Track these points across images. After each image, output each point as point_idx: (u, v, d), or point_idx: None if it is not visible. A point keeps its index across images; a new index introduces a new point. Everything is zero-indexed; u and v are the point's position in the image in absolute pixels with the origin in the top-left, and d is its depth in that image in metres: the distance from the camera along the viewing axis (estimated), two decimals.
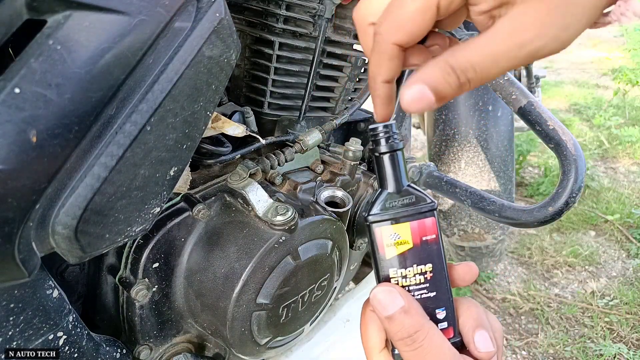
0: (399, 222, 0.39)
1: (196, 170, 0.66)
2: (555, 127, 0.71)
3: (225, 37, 0.41)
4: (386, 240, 0.39)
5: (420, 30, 0.32)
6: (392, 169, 0.39)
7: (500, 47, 0.30)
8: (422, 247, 0.39)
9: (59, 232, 0.36)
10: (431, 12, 0.31)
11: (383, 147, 0.39)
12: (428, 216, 0.39)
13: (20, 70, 0.30)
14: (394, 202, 0.39)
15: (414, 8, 0.31)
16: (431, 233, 0.39)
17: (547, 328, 1.66)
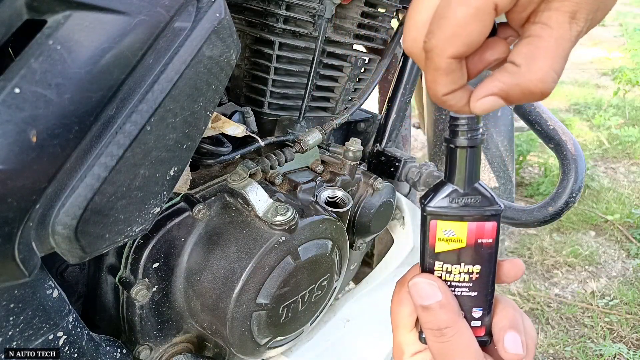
0: (457, 220, 0.37)
1: (196, 170, 0.66)
2: (555, 127, 0.71)
3: (225, 37, 0.41)
4: (439, 234, 0.38)
5: (479, 37, 0.28)
6: (465, 165, 0.37)
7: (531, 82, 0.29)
8: (475, 249, 0.38)
9: (59, 232, 0.36)
10: (488, 15, 0.27)
11: (461, 140, 0.37)
12: (489, 220, 0.37)
13: (20, 70, 0.30)
14: (458, 197, 0.37)
15: (466, 13, 0.27)
16: (488, 237, 0.38)
17: (547, 328, 1.66)
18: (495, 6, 0.27)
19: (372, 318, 0.94)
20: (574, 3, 0.27)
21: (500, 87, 0.30)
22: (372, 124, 0.96)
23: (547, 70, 0.28)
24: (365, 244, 0.86)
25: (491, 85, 0.30)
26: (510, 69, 0.30)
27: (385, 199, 0.79)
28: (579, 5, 0.27)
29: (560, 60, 0.29)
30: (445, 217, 0.37)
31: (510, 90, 0.30)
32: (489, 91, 0.31)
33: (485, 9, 0.27)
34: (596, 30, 5.73)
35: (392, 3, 0.75)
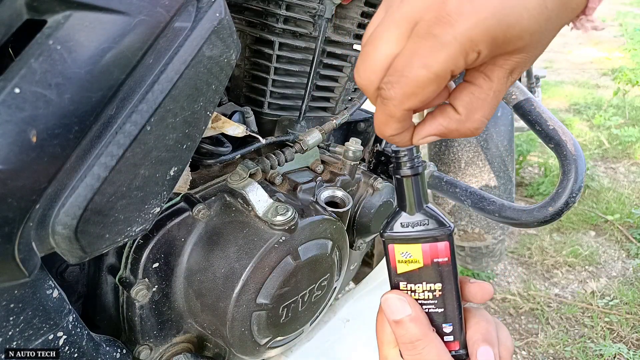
0: (411, 243, 0.41)
1: (196, 170, 0.66)
2: (555, 127, 0.71)
3: (225, 37, 0.41)
4: (398, 256, 0.41)
5: (434, 95, 0.31)
6: (410, 192, 0.41)
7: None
8: (433, 268, 0.40)
9: (59, 232, 0.36)
10: (445, 79, 0.30)
11: (404, 170, 0.40)
12: (441, 240, 0.40)
13: (20, 70, 0.30)
14: (410, 222, 0.41)
15: (427, 77, 0.29)
16: (443, 256, 0.40)
17: (547, 328, 1.66)
18: (452, 72, 0.30)
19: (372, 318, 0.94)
20: (515, 63, 0.31)
21: (441, 129, 0.34)
22: (372, 124, 0.96)
23: (482, 120, 0.33)
24: (365, 244, 0.86)
25: (434, 126, 0.35)
26: (451, 115, 0.34)
27: (385, 199, 0.79)
28: (517, 64, 0.31)
29: (493, 109, 0.33)
30: (400, 240, 0.41)
31: (449, 132, 0.34)
32: (431, 131, 0.35)
33: (443, 74, 0.29)
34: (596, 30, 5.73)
35: None
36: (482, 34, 0.28)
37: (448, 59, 0.28)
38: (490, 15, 0.28)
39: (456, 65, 0.29)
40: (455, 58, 0.29)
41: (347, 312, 0.91)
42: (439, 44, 0.28)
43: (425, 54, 0.29)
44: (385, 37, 0.31)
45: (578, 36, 5.56)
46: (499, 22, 0.28)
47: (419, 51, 0.29)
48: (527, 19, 0.28)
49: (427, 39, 0.29)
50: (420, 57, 0.29)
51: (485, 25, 0.28)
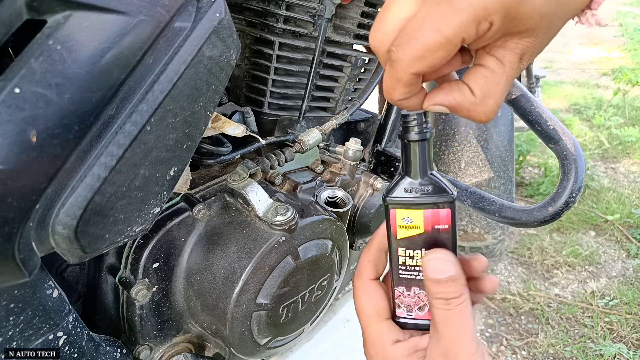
0: (413, 208, 0.41)
1: (196, 170, 0.66)
2: (555, 127, 0.71)
3: (225, 37, 0.41)
4: (399, 221, 0.41)
5: (443, 61, 0.31)
6: (416, 157, 0.40)
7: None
8: (433, 234, 0.41)
9: (59, 232, 0.36)
10: (455, 45, 0.30)
11: (411, 135, 0.40)
12: (443, 207, 0.40)
13: (20, 70, 0.30)
14: (413, 187, 0.41)
15: (437, 41, 0.29)
16: (444, 223, 0.40)
17: (547, 328, 1.66)
18: (463, 39, 0.30)
19: None
20: (525, 47, 0.32)
21: (453, 103, 0.34)
22: (372, 124, 0.96)
23: (494, 107, 0.34)
24: (365, 244, 0.86)
25: (447, 98, 0.35)
26: (466, 94, 0.34)
27: None
28: (527, 48, 0.32)
29: (504, 95, 0.34)
30: (402, 205, 0.41)
31: (460, 109, 0.34)
32: (442, 101, 0.35)
33: (454, 40, 0.29)
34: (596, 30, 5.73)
35: None
36: (496, 4, 0.29)
37: (461, 24, 0.29)
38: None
39: (468, 32, 0.29)
40: (467, 25, 0.29)
41: (347, 312, 0.91)
42: (453, 9, 0.29)
43: (438, 18, 0.29)
44: (400, 0, 0.32)
45: (578, 36, 5.56)
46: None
47: (432, 15, 0.29)
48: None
49: (441, 3, 0.29)
50: (433, 20, 0.29)
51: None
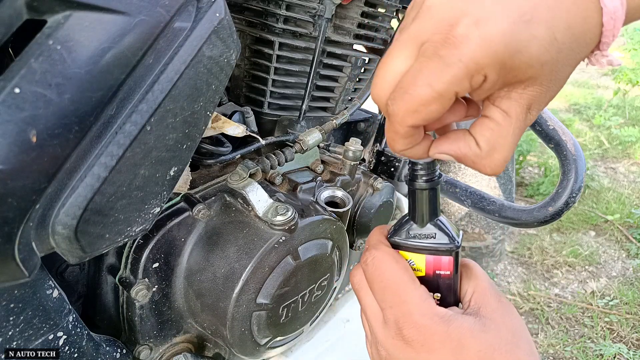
0: (416, 252, 0.41)
1: (196, 170, 0.66)
2: (555, 127, 0.71)
3: (225, 37, 0.41)
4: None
5: (438, 114, 0.31)
6: (423, 205, 0.41)
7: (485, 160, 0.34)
8: (434, 278, 0.41)
9: (59, 232, 0.36)
10: (449, 99, 0.30)
11: (419, 183, 0.40)
12: (445, 255, 0.41)
13: (20, 70, 0.30)
14: (418, 233, 0.41)
15: (429, 95, 0.30)
16: (446, 269, 0.41)
17: (547, 328, 1.66)
18: (456, 93, 0.30)
19: None
20: (530, 96, 0.31)
21: (459, 153, 0.35)
22: (372, 124, 0.96)
23: (501, 161, 0.33)
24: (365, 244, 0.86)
25: (451, 147, 0.35)
26: (472, 146, 0.34)
27: (385, 199, 0.79)
28: (534, 99, 0.31)
29: (512, 150, 0.33)
30: (405, 248, 0.42)
31: (465, 160, 0.35)
32: (447, 151, 0.35)
33: (447, 94, 0.29)
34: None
35: (392, 3, 0.75)
36: (488, 58, 0.28)
37: (452, 79, 0.29)
38: (497, 40, 0.28)
39: (460, 86, 0.29)
40: (459, 79, 0.29)
41: (347, 312, 0.91)
42: (444, 64, 0.29)
43: (430, 73, 0.29)
44: (395, 55, 0.32)
45: None
46: (505, 47, 0.28)
47: (424, 70, 0.30)
48: (537, 48, 0.29)
49: (432, 59, 0.29)
50: (425, 76, 0.29)
51: (491, 49, 0.28)
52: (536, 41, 0.28)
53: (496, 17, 0.28)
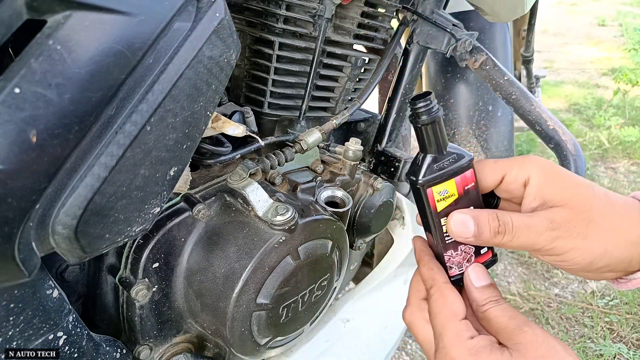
0: (445, 180, 0.44)
1: (196, 170, 0.66)
2: (555, 127, 0.71)
3: (225, 37, 0.41)
4: (437, 197, 0.45)
5: (483, 188, 0.46)
6: (434, 137, 0.44)
7: (539, 233, 0.40)
8: (465, 195, 0.45)
9: (59, 232, 0.36)
10: (494, 183, 0.45)
11: (424, 119, 0.43)
12: (468, 169, 0.44)
13: (20, 70, 0.30)
14: (438, 163, 0.44)
15: (489, 169, 0.45)
16: (471, 182, 0.45)
17: (547, 328, 1.66)
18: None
19: (373, 318, 0.94)
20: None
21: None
22: (372, 124, 0.96)
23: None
24: (365, 244, 0.86)
25: (474, 211, 0.45)
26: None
27: (385, 199, 0.79)
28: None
29: None
30: (436, 182, 0.44)
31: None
32: (468, 212, 0.44)
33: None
34: (596, 30, 5.73)
35: (392, 3, 0.75)
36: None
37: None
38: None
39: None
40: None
41: (347, 312, 0.91)
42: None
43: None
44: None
45: (578, 36, 5.56)
46: None
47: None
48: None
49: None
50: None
51: None
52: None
53: None
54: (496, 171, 0.45)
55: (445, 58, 1.24)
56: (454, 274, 0.48)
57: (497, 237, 0.42)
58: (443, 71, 1.25)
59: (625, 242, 0.40)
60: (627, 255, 0.40)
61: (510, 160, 0.45)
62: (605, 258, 0.40)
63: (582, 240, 0.40)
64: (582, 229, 0.40)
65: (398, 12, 0.82)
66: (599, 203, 0.41)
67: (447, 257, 0.47)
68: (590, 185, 0.43)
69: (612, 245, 0.40)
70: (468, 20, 1.18)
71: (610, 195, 0.43)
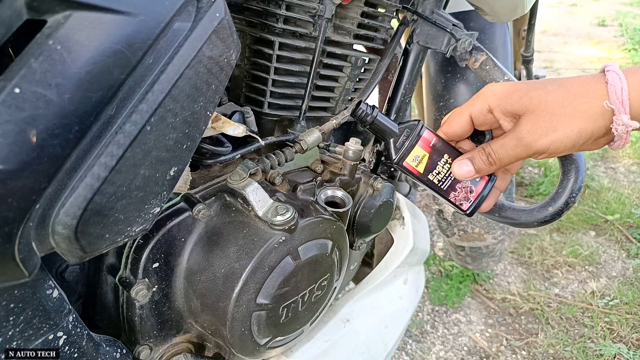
0: (412, 149, 0.55)
1: (196, 170, 0.66)
2: None
3: (225, 37, 0.41)
4: (413, 164, 0.55)
5: (460, 131, 0.53)
6: (382, 129, 0.56)
7: (514, 149, 0.48)
8: (434, 150, 0.55)
9: (59, 232, 0.36)
10: (467, 123, 0.52)
11: (368, 121, 0.56)
12: (423, 132, 0.55)
13: (20, 70, 0.30)
14: (398, 142, 0.55)
15: (457, 120, 0.53)
16: (432, 138, 0.55)
17: (547, 328, 1.66)
18: (472, 120, 0.53)
19: (372, 318, 0.94)
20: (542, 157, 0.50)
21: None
22: None
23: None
24: (365, 244, 0.86)
25: (468, 153, 0.54)
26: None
27: (385, 199, 0.79)
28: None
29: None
30: (405, 155, 0.55)
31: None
32: (464, 157, 0.55)
33: (466, 124, 0.54)
34: (596, 30, 5.73)
35: (392, 3, 0.75)
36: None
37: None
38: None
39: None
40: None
41: (347, 312, 0.91)
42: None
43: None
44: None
45: (578, 36, 5.56)
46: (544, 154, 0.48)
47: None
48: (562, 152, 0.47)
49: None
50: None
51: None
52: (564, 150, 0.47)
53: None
54: (462, 115, 0.52)
55: (445, 58, 1.23)
56: (467, 207, 0.57)
57: (491, 166, 0.50)
58: (443, 71, 1.25)
59: (591, 116, 0.45)
60: (600, 124, 0.45)
61: (469, 101, 0.52)
62: (583, 135, 0.46)
63: (553, 132, 0.46)
64: (549, 124, 0.46)
65: (398, 12, 0.82)
66: (554, 96, 0.46)
67: (453, 198, 0.56)
68: (542, 85, 0.47)
69: (581, 124, 0.45)
70: (468, 20, 1.17)
71: (564, 83, 0.47)
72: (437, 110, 1.34)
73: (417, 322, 1.72)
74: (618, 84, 0.43)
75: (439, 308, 1.79)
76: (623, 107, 0.43)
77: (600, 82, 0.45)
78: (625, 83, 0.43)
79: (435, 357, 1.59)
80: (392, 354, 0.97)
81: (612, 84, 0.43)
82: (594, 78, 0.46)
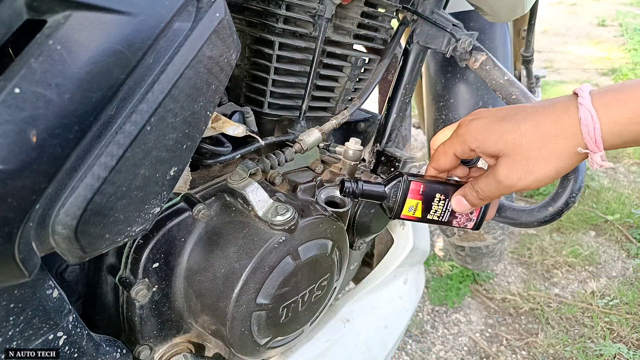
0: (404, 203, 0.57)
1: (196, 170, 0.66)
2: None
3: (225, 37, 0.41)
4: (410, 213, 0.58)
5: (448, 167, 0.54)
6: (371, 197, 0.58)
7: (497, 189, 0.50)
8: (424, 195, 0.57)
9: (59, 232, 0.36)
10: (453, 160, 0.53)
11: (356, 194, 0.58)
12: (409, 184, 0.56)
13: (20, 70, 0.30)
14: (390, 201, 0.58)
15: (443, 159, 0.54)
16: (419, 187, 0.56)
17: (547, 328, 1.66)
18: (455, 155, 0.53)
19: (372, 318, 0.94)
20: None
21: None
22: (372, 124, 0.96)
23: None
24: (365, 244, 0.86)
25: (461, 190, 0.56)
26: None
27: None
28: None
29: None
30: (399, 209, 0.58)
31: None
32: (458, 193, 0.56)
33: (451, 157, 0.54)
34: (596, 30, 5.73)
35: (392, 3, 0.75)
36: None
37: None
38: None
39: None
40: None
41: (347, 312, 0.91)
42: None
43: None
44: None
45: (578, 36, 5.56)
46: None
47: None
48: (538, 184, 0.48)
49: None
50: None
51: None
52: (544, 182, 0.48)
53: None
54: (447, 155, 0.53)
55: (445, 58, 1.23)
56: (472, 225, 0.59)
57: (483, 200, 0.53)
58: (443, 71, 1.25)
59: (567, 156, 0.46)
60: (576, 160, 0.46)
61: (451, 139, 0.53)
62: (561, 172, 0.47)
63: (530, 175, 0.47)
64: (525, 168, 0.47)
65: (398, 12, 0.82)
66: (528, 138, 0.46)
67: (456, 224, 0.59)
68: (516, 127, 0.47)
69: (557, 163, 0.46)
70: (468, 20, 1.17)
71: (538, 122, 0.46)
72: (437, 110, 1.34)
73: (417, 322, 1.72)
74: (590, 123, 0.43)
75: (439, 308, 1.79)
76: (597, 146, 0.43)
77: (573, 118, 0.44)
78: (597, 122, 0.43)
79: (435, 357, 1.59)
80: (392, 354, 0.97)
81: (584, 123, 0.43)
82: (567, 112, 0.45)
